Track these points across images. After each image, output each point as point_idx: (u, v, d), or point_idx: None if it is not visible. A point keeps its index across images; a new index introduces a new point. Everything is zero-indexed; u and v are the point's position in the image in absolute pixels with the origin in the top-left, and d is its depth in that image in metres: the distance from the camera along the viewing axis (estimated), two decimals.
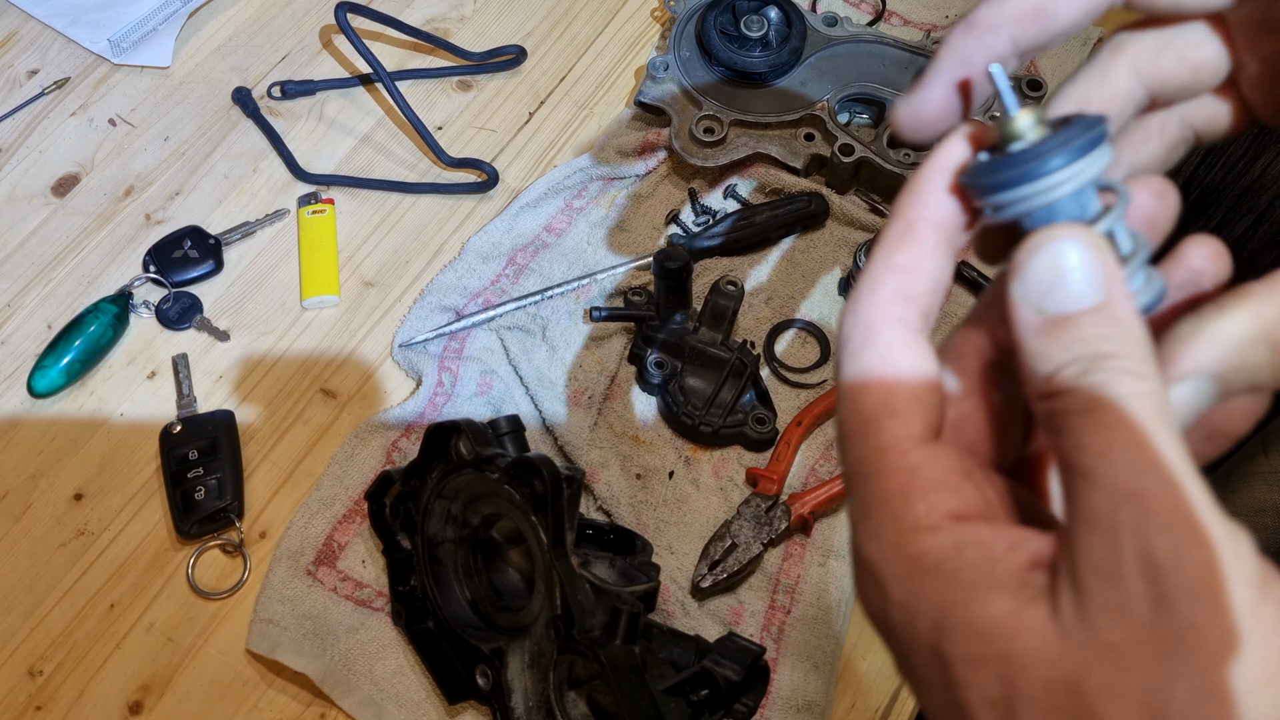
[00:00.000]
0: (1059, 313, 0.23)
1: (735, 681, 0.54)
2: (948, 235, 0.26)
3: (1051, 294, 0.23)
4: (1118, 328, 0.23)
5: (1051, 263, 0.23)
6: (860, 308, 0.25)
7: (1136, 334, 0.23)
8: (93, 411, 0.68)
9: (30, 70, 0.82)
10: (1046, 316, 0.23)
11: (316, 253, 0.74)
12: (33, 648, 0.61)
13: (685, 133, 0.76)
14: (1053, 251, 0.23)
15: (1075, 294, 0.23)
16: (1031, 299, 0.24)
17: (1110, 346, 0.23)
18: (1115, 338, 0.23)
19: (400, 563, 0.61)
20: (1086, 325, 0.23)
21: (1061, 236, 0.24)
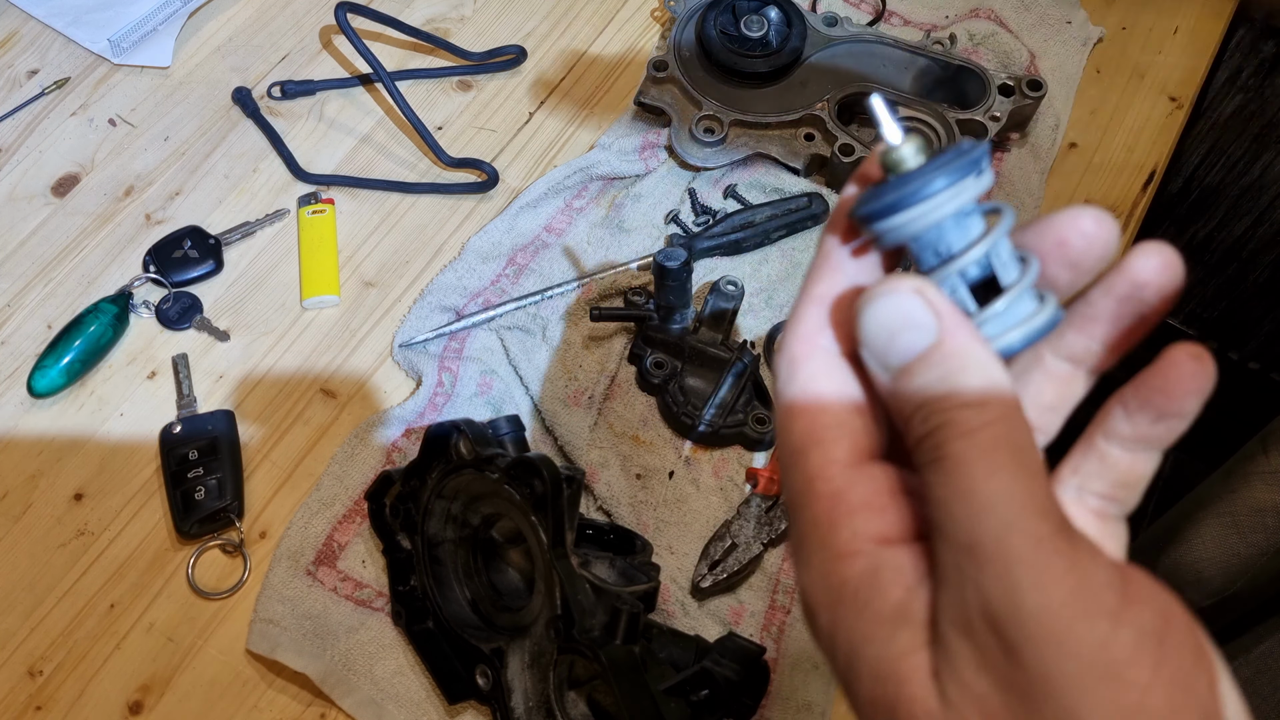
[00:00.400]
0: (900, 365, 0.23)
1: (735, 681, 0.54)
2: (870, 257, 0.26)
3: (890, 350, 0.24)
4: (953, 361, 0.23)
5: (881, 320, 0.24)
6: (786, 341, 0.26)
7: (974, 360, 0.23)
8: (93, 411, 0.68)
9: (30, 70, 0.82)
10: (891, 370, 0.24)
11: (316, 253, 0.74)
12: (33, 648, 0.61)
13: (685, 133, 0.76)
14: (878, 310, 0.24)
15: (908, 343, 0.23)
16: (877, 359, 0.24)
17: (946, 385, 0.23)
18: (951, 374, 0.23)
19: (400, 563, 0.61)
20: (921, 371, 0.23)
21: (880, 294, 0.24)
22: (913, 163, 0.25)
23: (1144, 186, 0.79)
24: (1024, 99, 0.76)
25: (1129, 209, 0.78)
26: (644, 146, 0.78)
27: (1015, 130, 0.78)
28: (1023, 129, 0.79)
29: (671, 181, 0.77)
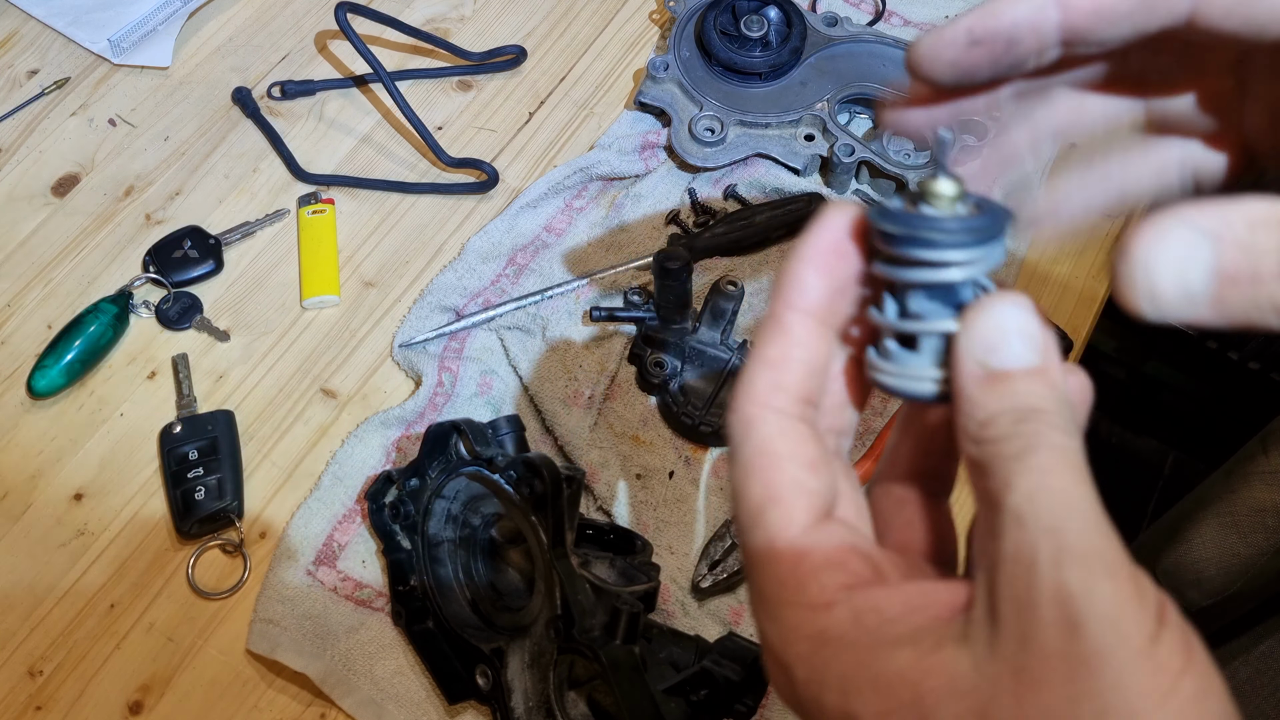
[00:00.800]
0: (1000, 368, 0.25)
1: (735, 682, 0.54)
2: (818, 320, 0.27)
3: (995, 351, 0.25)
4: (1050, 390, 0.25)
5: (999, 323, 0.25)
6: (738, 404, 0.27)
7: (1064, 398, 0.25)
8: (93, 412, 0.68)
9: (30, 70, 0.82)
10: (988, 370, 0.25)
11: (316, 253, 0.74)
12: (33, 648, 0.61)
13: (685, 133, 0.76)
14: (1001, 313, 0.25)
15: (1016, 354, 0.25)
16: (976, 353, 0.25)
17: (1042, 404, 0.24)
18: (1047, 398, 0.24)
19: (400, 563, 0.61)
20: (1023, 382, 0.25)
21: (1010, 301, 0.25)
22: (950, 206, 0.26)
23: None
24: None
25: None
26: (644, 146, 0.78)
27: None
28: None
29: (671, 181, 0.77)
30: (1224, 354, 1.39)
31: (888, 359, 0.27)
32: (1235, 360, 1.38)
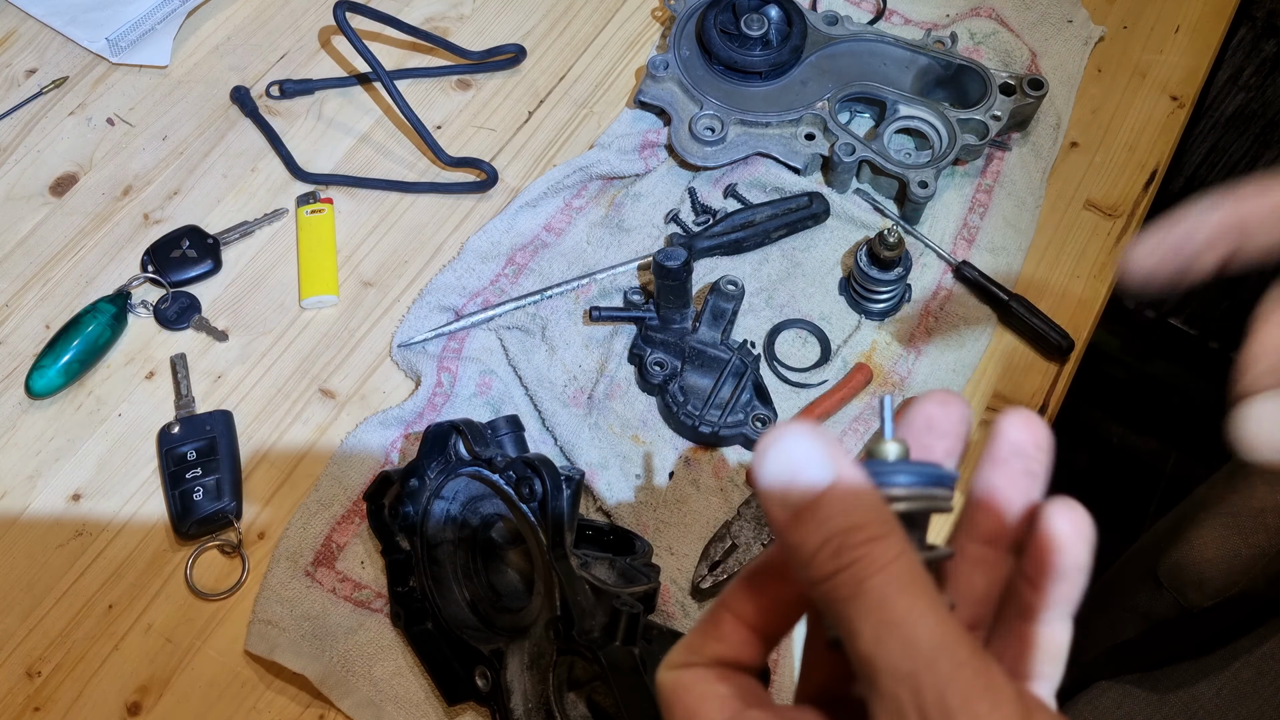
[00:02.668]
0: (800, 501, 0.25)
1: None
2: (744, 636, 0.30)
3: (790, 487, 0.25)
4: (854, 499, 0.25)
5: (783, 459, 0.26)
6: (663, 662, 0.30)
7: (870, 498, 0.25)
8: (91, 412, 0.68)
9: (28, 69, 0.82)
10: (791, 509, 0.25)
11: (315, 252, 0.73)
12: (31, 648, 0.61)
13: (685, 132, 0.76)
14: (780, 449, 0.26)
15: (809, 480, 0.25)
16: (776, 499, 0.26)
17: (851, 519, 0.25)
18: (854, 509, 0.25)
19: (399, 564, 0.60)
20: (826, 505, 0.25)
21: (784, 434, 0.26)
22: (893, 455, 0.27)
23: (1145, 186, 0.79)
24: (1025, 98, 0.76)
25: (1130, 209, 0.78)
26: (644, 145, 0.77)
27: (1016, 129, 0.78)
28: (1024, 128, 0.78)
29: (671, 181, 0.76)
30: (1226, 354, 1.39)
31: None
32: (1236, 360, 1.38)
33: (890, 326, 0.72)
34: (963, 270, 0.73)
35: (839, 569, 0.25)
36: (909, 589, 0.24)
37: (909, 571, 0.24)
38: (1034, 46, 0.83)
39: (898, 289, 0.71)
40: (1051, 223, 0.77)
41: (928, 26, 0.84)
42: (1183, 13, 0.87)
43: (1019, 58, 0.82)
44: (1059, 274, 0.75)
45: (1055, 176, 0.79)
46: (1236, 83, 1.09)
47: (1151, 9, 0.87)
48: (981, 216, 0.76)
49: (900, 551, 0.25)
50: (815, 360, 0.71)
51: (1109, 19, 0.86)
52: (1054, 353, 0.71)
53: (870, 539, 0.25)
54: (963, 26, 0.83)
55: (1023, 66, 0.81)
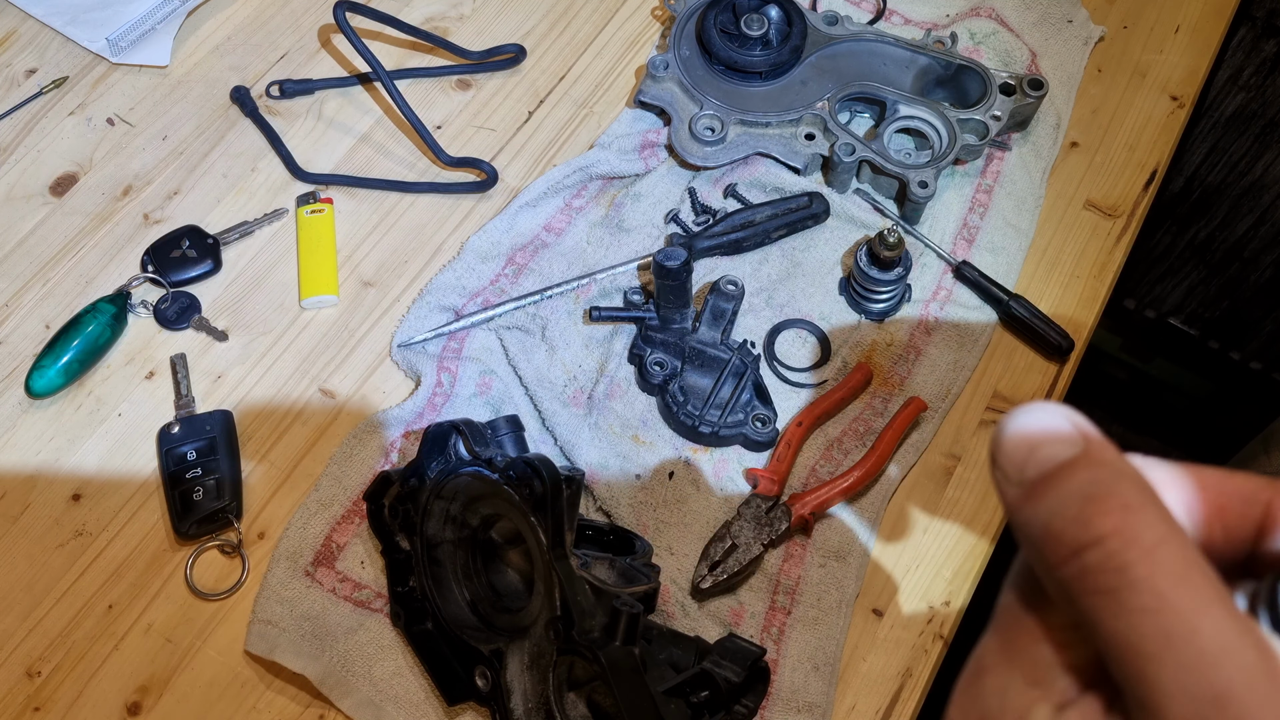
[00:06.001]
0: (1039, 474, 0.22)
1: (735, 683, 0.54)
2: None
3: (1029, 462, 0.22)
4: (1104, 469, 0.21)
5: (1022, 432, 0.22)
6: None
7: (1129, 469, 0.21)
8: (91, 412, 0.68)
9: (28, 69, 0.82)
10: (1027, 486, 0.22)
11: (315, 252, 0.73)
12: (31, 648, 0.61)
13: (685, 132, 0.76)
14: (1021, 423, 0.22)
15: (1050, 454, 0.22)
16: (1012, 472, 0.22)
17: (1098, 488, 0.21)
18: (1102, 479, 0.21)
19: (399, 564, 0.60)
20: (1067, 477, 0.21)
21: (1026, 410, 0.23)
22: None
23: (1145, 186, 0.79)
24: (1025, 98, 0.76)
25: (1130, 209, 0.78)
26: (644, 145, 0.77)
27: (1016, 129, 0.78)
28: (1024, 128, 0.78)
29: (671, 180, 0.76)
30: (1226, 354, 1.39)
31: None
32: (1237, 360, 1.38)
33: (890, 326, 0.71)
34: (963, 270, 0.73)
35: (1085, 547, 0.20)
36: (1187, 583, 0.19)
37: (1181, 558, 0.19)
38: (1034, 46, 0.83)
39: (898, 289, 0.71)
40: (1051, 223, 0.77)
41: (928, 26, 0.84)
42: (1183, 13, 0.86)
43: (1019, 58, 0.81)
44: (1059, 274, 0.75)
45: (1055, 176, 0.79)
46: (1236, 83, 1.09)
47: (1151, 9, 0.87)
48: (981, 216, 0.76)
49: (1166, 532, 0.19)
50: (815, 360, 0.71)
51: (1109, 19, 0.86)
52: (1054, 353, 0.71)
53: (1128, 509, 0.20)
54: (963, 26, 0.83)
55: (1023, 66, 0.81)
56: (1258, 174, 1.15)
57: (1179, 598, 0.19)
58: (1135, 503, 0.20)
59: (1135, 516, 0.20)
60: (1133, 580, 0.19)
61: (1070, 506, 0.20)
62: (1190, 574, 0.19)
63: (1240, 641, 0.19)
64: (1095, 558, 0.20)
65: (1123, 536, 0.20)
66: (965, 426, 0.69)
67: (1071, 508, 0.20)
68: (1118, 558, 0.19)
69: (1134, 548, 0.19)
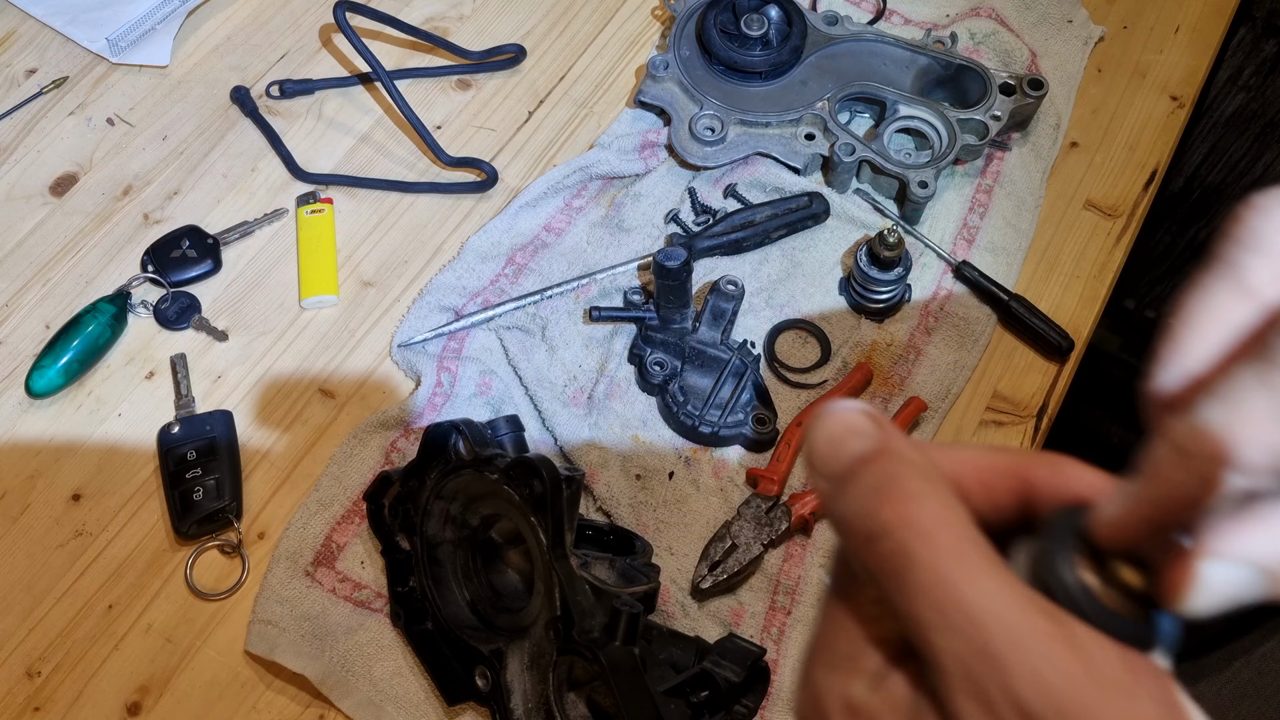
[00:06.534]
0: (843, 470, 0.24)
1: (735, 683, 0.54)
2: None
3: (834, 458, 0.24)
4: (894, 461, 0.23)
5: (828, 432, 0.25)
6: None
7: (915, 459, 0.23)
8: (91, 412, 0.68)
9: (28, 69, 0.82)
10: (835, 481, 0.24)
11: (315, 252, 0.73)
12: (31, 648, 0.61)
13: (685, 132, 0.76)
14: (825, 424, 0.25)
15: (851, 449, 0.24)
16: (821, 469, 0.25)
17: (885, 480, 0.23)
18: (890, 471, 0.23)
19: (399, 564, 0.60)
20: (864, 472, 0.24)
21: (828, 411, 0.25)
22: None
23: (1145, 186, 0.79)
24: (1025, 98, 0.76)
25: (1130, 209, 0.78)
26: (644, 145, 0.77)
27: (1016, 129, 0.78)
28: (1024, 128, 0.78)
29: (671, 181, 0.76)
30: None
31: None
32: None
33: (890, 326, 0.71)
34: (963, 270, 0.73)
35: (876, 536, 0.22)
36: (962, 557, 0.22)
37: (958, 537, 0.22)
38: (1034, 46, 0.83)
39: (898, 289, 0.71)
40: (1051, 223, 0.77)
41: (928, 26, 0.84)
42: (1183, 13, 0.86)
43: (1019, 58, 0.81)
44: (1059, 274, 0.75)
45: (1055, 176, 0.79)
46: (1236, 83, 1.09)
47: (1151, 9, 0.87)
48: (981, 216, 0.76)
49: (943, 512, 0.22)
50: (815, 360, 0.71)
51: (1109, 19, 0.86)
52: (1054, 353, 0.71)
53: (912, 501, 0.22)
54: (963, 26, 0.83)
55: (1023, 66, 0.81)
56: (1258, 174, 1.15)
57: (952, 572, 0.21)
58: (916, 491, 0.23)
59: (914, 504, 0.22)
60: (914, 563, 0.22)
61: (862, 500, 0.23)
62: (963, 549, 0.22)
63: (1004, 604, 0.21)
64: (885, 546, 0.22)
65: (904, 524, 0.22)
66: (965, 427, 0.69)
67: (864, 501, 0.23)
68: (901, 544, 0.22)
69: (914, 533, 0.22)
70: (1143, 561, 0.24)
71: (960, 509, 0.23)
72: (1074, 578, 0.23)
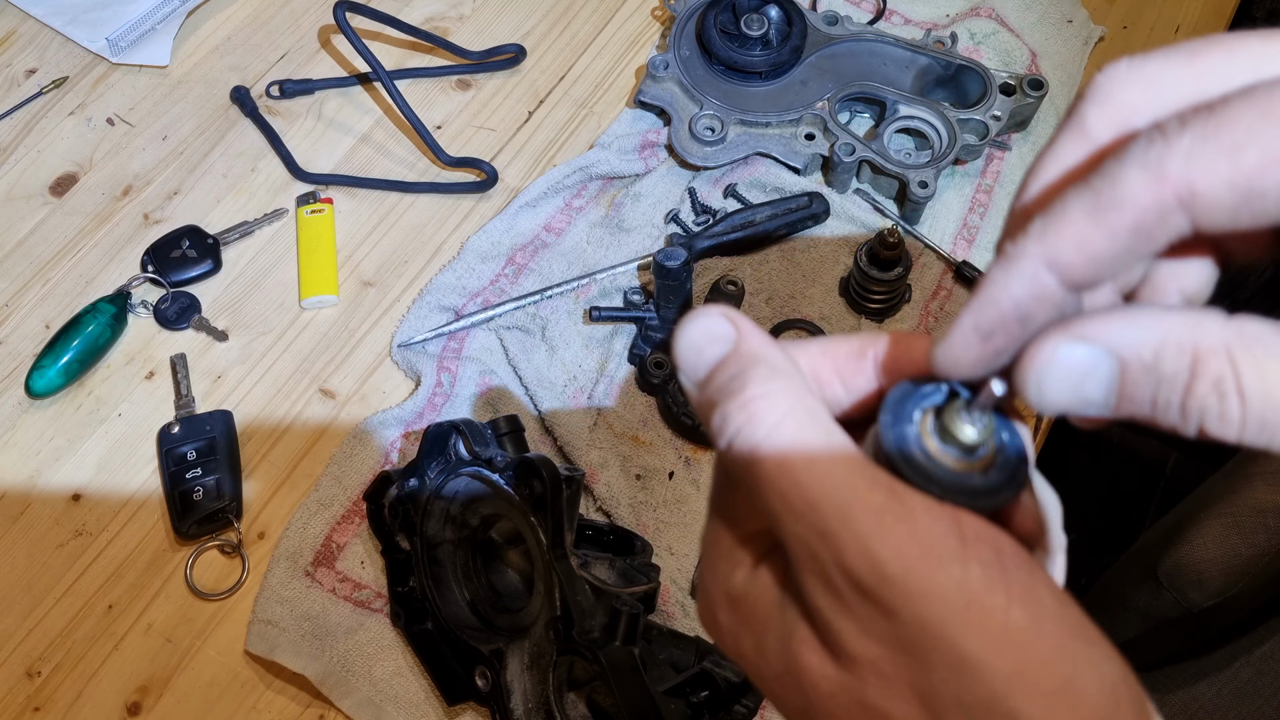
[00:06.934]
0: (704, 375, 0.25)
1: (735, 683, 0.54)
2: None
3: (698, 363, 0.26)
4: (745, 360, 0.25)
5: (691, 338, 0.26)
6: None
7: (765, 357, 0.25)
8: (91, 412, 0.68)
9: (28, 69, 0.82)
10: (698, 384, 0.26)
11: (315, 252, 0.73)
12: (31, 648, 0.61)
13: (685, 132, 0.76)
14: (688, 331, 0.26)
15: (711, 353, 0.25)
16: (689, 374, 0.26)
17: (739, 382, 0.24)
18: (744, 372, 0.24)
19: (399, 564, 0.60)
20: (719, 373, 0.25)
21: (690, 318, 0.26)
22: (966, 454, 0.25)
23: None
24: (1025, 98, 0.76)
25: None
26: (644, 145, 0.77)
27: (1016, 129, 0.78)
28: (1024, 128, 0.78)
29: (671, 181, 0.76)
30: None
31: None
32: None
33: (890, 326, 0.71)
34: (963, 270, 0.73)
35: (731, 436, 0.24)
36: (802, 443, 0.23)
37: (803, 426, 0.23)
38: (1034, 46, 0.83)
39: (897, 289, 0.71)
40: None
41: (928, 26, 0.84)
42: (1183, 13, 0.86)
43: (1019, 58, 0.81)
44: None
45: None
46: None
47: (1151, 9, 0.87)
48: (982, 216, 0.76)
49: (790, 406, 0.24)
50: None
51: (1109, 19, 0.86)
52: None
53: (757, 397, 0.24)
54: (963, 26, 0.83)
55: (1023, 67, 0.81)
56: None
57: (793, 461, 0.23)
58: (761, 389, 0.24)
59: (761, 403, 0.24)
60: (760, 456, 0.23)
61: (718, 403, 0.24)
62: (804, 438, 0.23)
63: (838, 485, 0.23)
64: (737, 444, 0.24)
65: (750, 420, 0.24)
66: None
67: (719, 404, 0.24)
68: (748, 440, 0.24)
69: (757, 427, 0.23)
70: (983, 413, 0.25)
71: (807, 399, 0.24)
72: (899, 443, 0.24)
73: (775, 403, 0.24)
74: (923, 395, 0.25)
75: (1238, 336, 0.21)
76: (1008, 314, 0.23)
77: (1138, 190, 0.22)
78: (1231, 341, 0.21)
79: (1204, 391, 0.21)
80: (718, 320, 0.26)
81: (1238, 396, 0.21)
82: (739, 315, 0.26)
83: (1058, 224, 0.22)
